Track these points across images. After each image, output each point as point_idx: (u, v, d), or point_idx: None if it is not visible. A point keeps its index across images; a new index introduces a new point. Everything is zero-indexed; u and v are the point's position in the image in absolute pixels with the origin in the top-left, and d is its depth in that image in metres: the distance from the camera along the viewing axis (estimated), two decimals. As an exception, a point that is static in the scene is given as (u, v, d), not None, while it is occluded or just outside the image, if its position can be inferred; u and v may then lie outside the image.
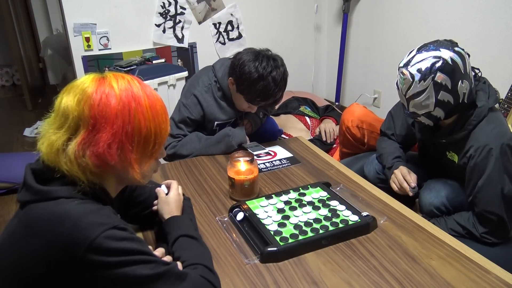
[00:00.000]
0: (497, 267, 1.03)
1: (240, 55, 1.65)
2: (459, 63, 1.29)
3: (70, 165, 0.79)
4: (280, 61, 1.64)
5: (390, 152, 1.66)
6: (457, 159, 1.44)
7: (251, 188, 1.35)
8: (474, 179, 1.35)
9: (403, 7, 2.69)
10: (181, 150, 1.71)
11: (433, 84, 1.30)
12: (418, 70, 1.31)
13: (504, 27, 2.09)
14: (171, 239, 1.00)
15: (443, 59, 1.28)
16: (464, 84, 1.31)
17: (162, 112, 0.87)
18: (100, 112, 0.79)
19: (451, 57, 1.29)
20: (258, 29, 3.11)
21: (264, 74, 1.57)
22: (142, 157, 0.86)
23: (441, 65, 1.28)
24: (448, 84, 1.29)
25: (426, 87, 1.31)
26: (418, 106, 1.36)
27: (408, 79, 1.33)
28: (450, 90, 1.30)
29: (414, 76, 1.31)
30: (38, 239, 0.75)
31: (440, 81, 1.29)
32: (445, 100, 1.32)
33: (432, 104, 1.33)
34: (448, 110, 1.35)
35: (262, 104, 1.67)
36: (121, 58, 2.68)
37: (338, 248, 1.11)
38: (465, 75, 1.31)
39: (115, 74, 0.85)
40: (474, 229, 1.36)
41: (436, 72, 1.28)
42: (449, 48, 1.30)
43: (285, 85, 1.66)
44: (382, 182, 1.68)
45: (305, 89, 3.41)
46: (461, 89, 1.31)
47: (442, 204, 1.48)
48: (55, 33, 4.49)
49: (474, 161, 1.34)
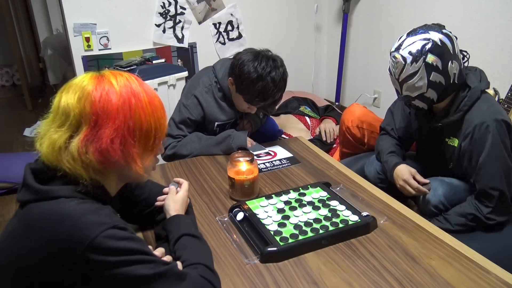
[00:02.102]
0: (497, 267, 1.03)
1: (240, 55, 1.65)
2: (448, 44, 1.34)
3: (73, 162, 0.79)
4: (280, 61, 1.64)
5: (385, 148, 1.68)
6: (457, 143, 1.46)
7: (251, 188, 1.35)
8: (475, 157, 1.39)
9: (403, 7, 2.69)
10: (181, 150, 1.71)
11: (424, 65, 1.34)
12: (409, 53, 1.35)
13: (504, 27, 2.09)
14: (173, 238, 1.00)
15: (432, 41, 1.33)
16: (454, 64, 1.36)
17: (161, 107, 0.88)
18: (101, 108, 0.79)
19: (440, 39, 1.34)
20: (258, 29, 3.11)
21: (263, 74, 1.57)
22: (143, 152, 0.87)
23: (431, 46, 1.33)
24: (439, 65, 1.34)
25: (418, 69, 1.36)
26: (411, 89, 1.40)
27: (400, 62, 1.38)
28: (441, 70, 1.35)
29: (406, 58, 1.36)
30: (38, 239, 0.75)
31: (431, 62, 1.34)
32: (437, 81, 1.36)
33: (425, 86, 1.38)
34: (440, 91, 1.39)
35: (261, 104, 1.67)
36: (121, 58, 2.68)
37: (338, 248, 1.11)
38: (454, 56, 1.36)
39: (112, 72, 0.86)
40: (478, 212, 1.39)
41: (427, 54, 1.33)
42: (437, 31, 1.35)
43: (284, 86, 1.65)
44: (382, 182, 1.68)
45: (305, 89, 3.41)
46: (451, 69, 1.36)
47: (440, 203, 1.48)
48: (55, 33, 4.49)
49: (473, 139, 1.38)
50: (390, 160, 1.61)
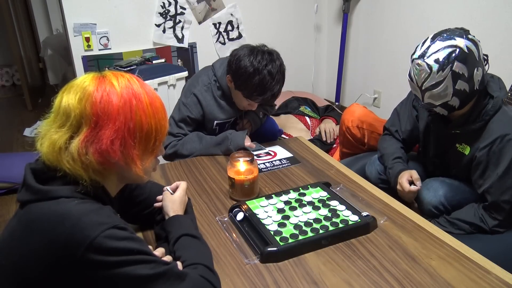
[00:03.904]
0: (497, 267, 1.03)
1: (236, 51, 1.66)
2: (474, 50, 1.29)
3: (73, 163, 0.79)
4: (276, 55, 1.64)
5: (391, 153, 1.66)
6: (468, 151, 1.42)
7: (251, 188, 1.35)
8: (491, 169, 1.35)
9: (403, 7, 2.69)
10: (181, 149, 1.71)
11: (451, 74, 1.29)
12: (435, 61, 1.29)
13: (504, 27, 2.09)
14: (172, 238, 1.00)
15: (459, 48, 1.28)
16: (479, 71, 1.32)
17: (162, 109, 0.88)
18: (102, 109, 0.79)
19: (467, 45, 1.29)
20: (258, 29, 3.11)
21: (260, 68, 1.57)
22: (144, 153, 0.87)
23: (458, 54, 1.28)
24: (465, 72, 1.29)
25: (444, 77, 1.30)
26: (435, 97, 1.35)
27: (425, 70, 1.31)
28: (467, 78, 1.30)
29: (432, 67, 1.30)
30: (38, 239, 0.75)
31: (458, 70, 1.29)
32: (462, 89, 1.32)
33: (450, 94, 1.32)
34: (463, 98, 1.34)
35: (260, 99, 1.66)
36: (121, 58, 2.68)
37: (338, 248, 1.11)
38: (479, 62, 1.31)
39: (114, 73, 0.85)
40: (483, 223, 1.37)
41: (454, 62, 1.28)
42: (463, 36, 1.30)
43: (282, 79, 1.65)
44: (384, 182, 1.68)
45: (305, 89, 3.41)
46: (476, 76, 1.31)
47: (440, 203, 1.48)
48: (55, 33, 4.49)
49: (491, 150, 1.34)
50: (395, 167, 1.60)
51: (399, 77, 2.86)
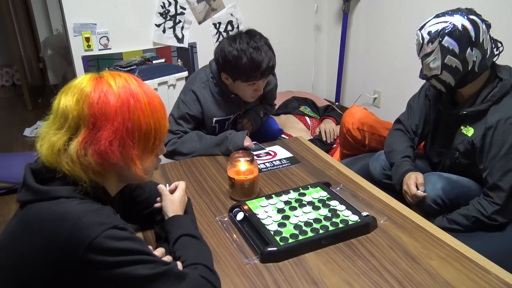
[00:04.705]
0: (497, 267, 1.03)
1: (216, 48, 1.69)
2: (471, 30, 1.33)
3: (72, 165, 0.79)
4: (254, 32, 1.67)
5: (400, 150, 1.66)
6: (472, 132, 1.44)
7: (251, 188, 1.35)
8: (494, 150, 1.37)
9: (403, 7, 2.69)
10: (181, 148, 1.71)
11: (440, 47, 1.36)
12: (428, 33, 1.37)
13: (504, 27, 2.09)
14: (172, 238, 1.00)
15: (453, 25, 1.34)
16: (474, 52, 1.35)
17: (161, 108, 0.88)
18: (99, 110, 0.79)
19: (463, 24, 1.33)
20: (258, 29, 3.07)
21: (243, 48, 1.59)
22: (143, 153, 0.86)
23: (450, 30, 1.34)
24: (455, 49, 1.34)
25: (433, 50, 1.37)
26: (427, 68, 1.43)
27: (419, 41, 1.41)
28: (458, 55, 1.35)
29: (424, 38, 1.38)
30: (38, 239, 0.75)
31: (447, 45, 1.34)
32: (453, 65, 1.37)
33: (439, 68, 1.39)
34: (458, 76, 1.39)
35: (258, 75, 1.64)
36: (121, 58, 2.68)
37: (338, 248, 1.11)
38: (476, 43, 1.34)
39: (111, 73, 0.85)
40: (480, 214, 1.37)
41: (444, 36, 1.34)
42: (463, 15, 1.34)
43: (270, 49, 1.66)
44: (388, 178, 1.68)
45: (305, 89, 3.41)
46: (470, 56, 1.35)
47: (438, 197, 1.48)
48: (55, 33, 4.49)
49: (496, 132, 1.36)
50: (403, 165, 1.60)
51: (399, 77, 2.86)
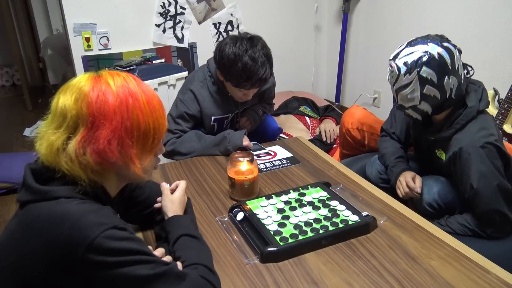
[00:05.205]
0: (497, 267, 1.03)
1: (219, 43, 1.68)
2: (446, 58, 1.31)
3: (71, 164, 0.79)
4: (257, 40, 1.65)
5: (392, 152, 1.66)
6: (444, 157, 1.44)
7: (251, 188, 1.35)
8: (465, 179, 1.34)
9: (403, 7, 2.69)
10: (180, 147, 1.71)
11: (418, 77, 1.33)
12: (404, 64, 1.34)
13: (504, 27, 2.09)
14: (172, 238, 1.00)
15: (429, 54, 1.31)
16: (451, 79, 1.33)
17: (159, 107, 0.87)
18: (98, 109, 0.79)
19: (438, 52, 1.31)
20: (258, 29, 3.07)
21: (240, 54, 1.58)
22: (142, 152, 0.86)
23: (427, 59, 1.31)
24: (433, 78, 1.32)
25: (411, 81, 1.34)
26: (405, 99, 1.40)
27: (395, 72, 1.37)
28: (436, 84, 1.33)
29: (401, 69, 1.35)
30: (37, 239, 0.75)
31: (426, 75, 1.32)
32: (431, 95, 1.35)
33: (418, 98, 1.36)
34: (435, 104, 1.37)
35: (248, 85, 1.64)
36: (121, 58, 2.68)
37: (338, 248, 1.11)
38: (452, 71, 1.32)
39: (110, 72, 0.85)
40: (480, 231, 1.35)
41: (421, 66, 1.31)
42: (437, 43, 1.32)
43: (268, 62, 1.64)
44: (384, 182, 1.68)
45: (305, 89, 3.41)
46: (447, 84, 1.33)
47: (434, 201, 1.48)
48: (55, 33, 4.49)
49: (459, 160, 1.34)
50: (398, 165, 1.60)
51: (399, 77, 2.86)
